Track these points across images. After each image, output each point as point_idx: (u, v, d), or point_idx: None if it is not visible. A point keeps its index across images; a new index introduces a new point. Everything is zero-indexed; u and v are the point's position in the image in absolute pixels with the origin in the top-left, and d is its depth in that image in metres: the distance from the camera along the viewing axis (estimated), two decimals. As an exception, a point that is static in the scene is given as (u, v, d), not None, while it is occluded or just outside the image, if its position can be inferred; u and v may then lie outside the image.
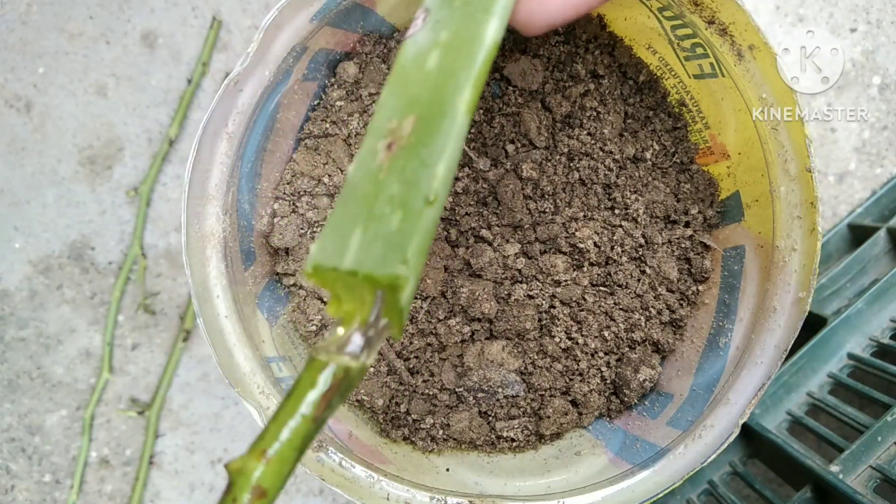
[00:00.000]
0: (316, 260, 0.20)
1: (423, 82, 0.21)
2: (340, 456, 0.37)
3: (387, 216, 0.19)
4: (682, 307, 0.43)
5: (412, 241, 0.19)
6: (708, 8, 0.35)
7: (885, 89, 0.58)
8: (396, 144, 0.20)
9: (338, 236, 0.20)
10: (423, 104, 0.21)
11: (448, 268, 0.42)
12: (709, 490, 0.48)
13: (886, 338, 0.47)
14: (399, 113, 0.21)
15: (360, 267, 0.19)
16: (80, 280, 0.56)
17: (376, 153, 0.20)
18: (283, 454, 0.18)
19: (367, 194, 0.20)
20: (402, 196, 0.20)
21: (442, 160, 0.20)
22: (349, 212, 0.20)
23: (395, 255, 0.19)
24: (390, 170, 0.20)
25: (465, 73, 0.21)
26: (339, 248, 0.20)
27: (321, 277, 0.20)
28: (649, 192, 0.43)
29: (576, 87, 0.41)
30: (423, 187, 0.20)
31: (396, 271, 0.19)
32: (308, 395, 0.19)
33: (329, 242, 0.20)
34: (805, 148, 0.35)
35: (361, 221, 0.20)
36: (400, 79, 0.22)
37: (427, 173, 0.20)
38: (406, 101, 0.21)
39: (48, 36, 0.55)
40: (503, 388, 0.41)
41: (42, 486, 0.57)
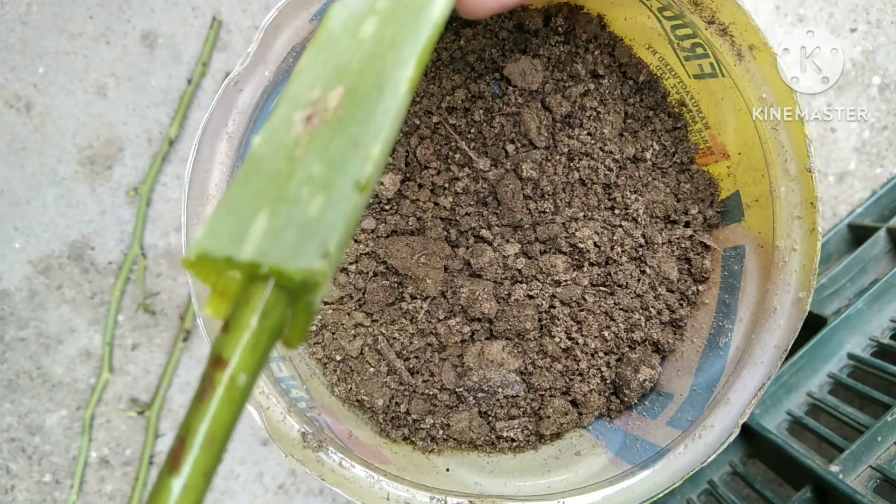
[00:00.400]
0: (203, 247, 0.16)
1: (355, 51, 0.19)
2: (340, 456, 0.37)
3: (304, 200, 0.17)
4: (682, 307, 0.43)
5: (335, 232, 0.17)
6: (708, 8, 0.35)
7: (885, 89, 0.58)
8: (319, 118, 0.18)
9: (235, 220, 0.17)
10: (354, 75, 0.18)
11: (448, 268, 0.42)
12: (709, 490, 0.48)
13: (886, 338, 0.47)
14: (323, 83, 0.18)
15: (264, 258, 0.16)
16: (80, 280, 0.56)
17: (291, 125, 0.18)
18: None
19: (279, 172, 0.17)
20: (325, 178, 0.17)
21: (378, 141, 0.17)
22: (251, 191, 0.17)
23: (314, 246, 0.16)
24: (310, 146, 0.17)
25: (409, 47, 0.19)
26: (237, 234, 0.16)
27: (205, 268, 0.17)
28: (649, 192, 0.43)
29: (576, 87, 0.41)
30: (353, 170, 0.17)
31: (313, 266, 0.16)
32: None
33: (222, 227, 0.17)
34: (805, 148, 0.35)
35: (269, 204, 0.17)
36: (326, 45, 0.19)
37: (359, 154, 0.17)
38: (333, 71, 0.18)
39: (48, 36, 0.55)
40: (503, 388, 0.41)
41: (42, 486, 0.57)
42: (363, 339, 0.42)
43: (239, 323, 0.16)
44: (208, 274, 0.17)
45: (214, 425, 0.16)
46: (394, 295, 0.42)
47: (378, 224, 0.41)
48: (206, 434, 0.16)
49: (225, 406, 0.16)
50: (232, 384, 0.16)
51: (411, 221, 0.41)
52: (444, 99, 0.41)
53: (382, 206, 0.42)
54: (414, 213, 0.41)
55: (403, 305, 0.42)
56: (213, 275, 0.17)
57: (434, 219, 0.41)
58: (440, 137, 0.41)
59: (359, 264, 0.42)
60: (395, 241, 0.41)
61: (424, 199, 0.41)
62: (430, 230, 0.41)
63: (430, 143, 0.41)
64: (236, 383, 0.16)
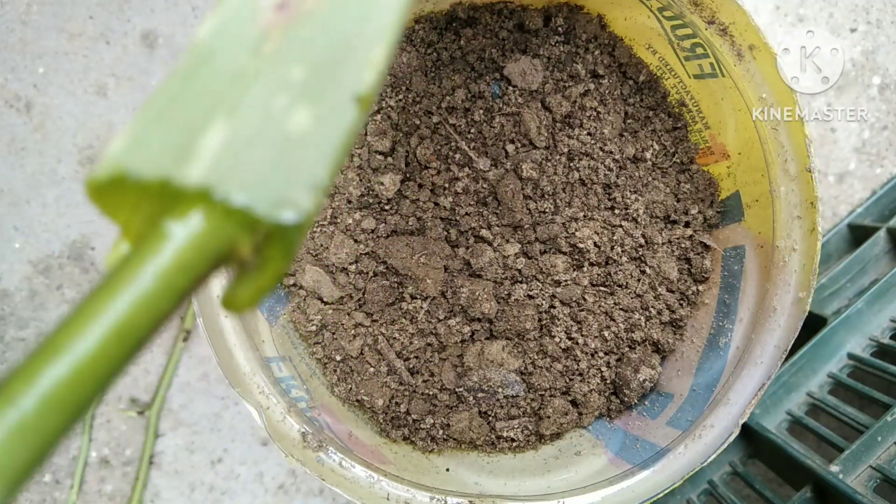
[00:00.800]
0: (122, 163, 0.12)
1: None
2: (340, 456, 0.37)
3: (280, 111, 0.13)
4: (682, 307, 0.43)
5: (328, 157, 0.13)
6: (708, 8, 0.35)
7: (885, 89, 0.58)
8: (296, 8, 0.14)
9: (174, 128, 0.12)
10: None
11: (448, 268, 0.42)
12: (709, 490, 0.48)
13: (886, 338, 0.47)
14: None
15: (222, 186, 0.12)
16: (80, 280, 0.56)
17: (256, 12, 0.14)
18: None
19: (240, 71, 0.13)
20: (309, 85, 0.13)
21: (380, 42, 0.14)
22: (199, 92, 0.13)
23: (298, 174, 0.12)
24: (286, 43, 0.13)
25: None
26: (178, 148, 0.12)
27: (117, 196, 0.12)
28: (649, 192, 0.43)
29: (576, 87, 0.41)
30: (349, 77, 0.13)
31: (300, 200, 0.12)
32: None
33: (155, 136, 0.12)
34: (805, 148, 0.35)
35: (226, 111, 0.12)
36: None
37: (355, 58, 0.13)
38: None
39: (48, 36, 0.55)
40: (503, 388, 0.41)
41: (42, 486, 0.57)
42: (363, 339, 0.42)
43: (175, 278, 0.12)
44: (121, 205, 0.12)
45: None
46: (394, 295, 0.42)
47: (378, 224, 0.41)
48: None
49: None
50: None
51: (411, 221, 0.41)
52: (444, 99, 0.41)
53: (382, 206, 0.42)
54: (414, 213, 0.41)
55: (403, 305, 0.42)
56: (129, 207, 0.12)
57: (434, 219, 0.41)
58: (440, 137, 0.41)
59: (359, 264, 0.42)
60: (395, 241, 0.41)
61: (424, 199, 0.41)
62: (430, 230, 0.41)
63: (430, 143, 0.41)
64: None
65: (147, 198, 0.12)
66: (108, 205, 0.12)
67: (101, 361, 0.11)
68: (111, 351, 0.11)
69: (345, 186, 0.41)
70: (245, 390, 0.37)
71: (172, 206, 0.12)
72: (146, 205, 0.12)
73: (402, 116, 0.41)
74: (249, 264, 0.13)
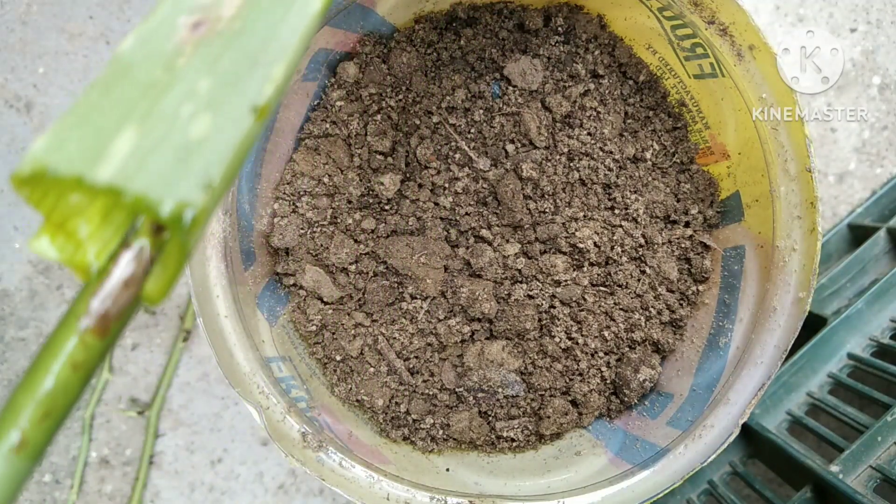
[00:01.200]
0: (43, 161, 0.13)
1: None
2: (340, 456, 0.37)
3: (183, 119, 0.14)
4: (682, 307, 0.43)
5: (222, 161, 0.14)
6: (708, 8, 0.35)
7: (885, 89, 0.58)
8: (209, 27, 0.15)
9: (90, 133, 0.14)
10: None
11: (448, 268, 0.42)
12: (709, 490, 0.48)
13: (886, 338, 0.47)
14: None
15: (128, 183, 0.13)
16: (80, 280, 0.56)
17: (174, 29, 0.15)
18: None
19: (153, 83, 0.14)
20: (212, 96, 0.14)
21: (281, 61, 0.15)
22: (115, 101, 0.14)
23: (194, 175, 0.14)
24: (196, 57, 0.15)
25: None
26: (92, 150, 0.14)
27: (41, 189, 0.14)
28: (649, 192, 0.43)
29: (576, 87, 0.41)
30: (250, 90, 0.15)
31: (192, 198, 0.13)
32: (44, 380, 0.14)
33: (72, 139, 0.14)
34: (805, 148, 0.36)
35: (137, 119, 0.14)
36: None
37: (257, 73, 0.15)
38: None
39: (48, 36, 0.55)
40: (503, 388, 0.41)
41: (42, 486, 0.57)
42: (363, 339, 0.42)
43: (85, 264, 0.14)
44: (44, 197, 0.14)
45: (55, 391, 0.14)
46: (394, 295, 0.42)
47: (378, 224, 0.41)
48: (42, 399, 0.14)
49: (69, 369, 0.14)
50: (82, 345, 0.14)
51: (411, 221, 0.41)
52: (444, 99, 0.41)
53: (382, 206, 0.42)
54: (414, 213, 0.41)
55: (403, 305, 0.42)
56: (51, 199, 0.14)
57: (434, 219, 0.41)
58: (440, 137, 0.41)
59: (359, 264, 0.42)
60: (395, 241, 0.41)
61: (424, 199, 0.41)
62: (430, 230, 0.41)
63: (430, 143, 0.41)
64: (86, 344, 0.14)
65: (63, 191, 0.14)
66: (31, 196, 0.14)
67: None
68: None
69: (345, 186, 0.41)
70: (245, 390, 0.37)
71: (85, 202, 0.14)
72: (64, 197, 0.14)
73: (402, 116, 0.41)
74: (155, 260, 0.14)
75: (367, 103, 0.41)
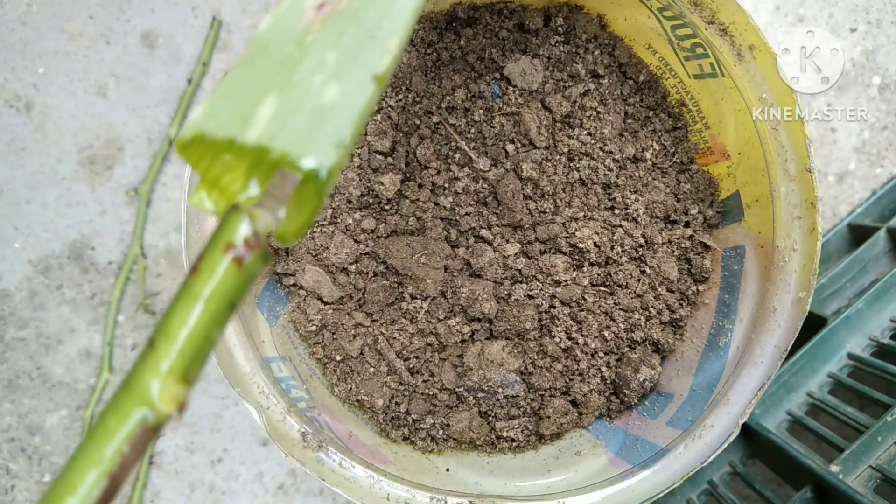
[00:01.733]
0: (201, 127, 0.16)
1: None
2: (340, 456, 0.37)
3: (316, 87, 0.16)
4: (682, 307, 0.43)
5: (350, 122, 0.16)
6: (708, 8, 0.35)
7: (885, 89, 0.58)
8: (332, 7, 0.17)
9: (239, 102, 0.16)
10: None
11: (448, 268, 0.42)
12: (709, 490, 0.48)
13: (886, 338, 0.47)
14: None
15: (272, 143, 0.15)
16: (80, 280, 0.56)
17: (303, 11, 0.17)
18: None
19: (288, 57, 0.17)
20: (339, 66, 0.16)
21: (395, 35, 0.17)
22: (257, 74, 0.16)
23: (327, 135, 0.16)
24: (323, 33, 0.17)
25: None
26: (241, 116, 0.16)
27: (199, 151, 0.16)
28: (649, 192, 0.43)
29: (576, 87, 0.41)
30: (370, 60, 0.16)
31: (329, 155, 0.15)
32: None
33: (224, 107, 0.16)
34: (805, 148, 0.35)
35: (277, 88, 0.16)
36: None
37: (375, 46, 0.17)
38: None
39: (48, 36, 0.55)
40: (503, 388, 0.41)
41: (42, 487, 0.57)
42: (363, 339, 0.42)
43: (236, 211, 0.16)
44: (201, 158, 0.16)
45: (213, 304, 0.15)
46: (394, 295, 0.42)
47: (378, 224, 0.41)
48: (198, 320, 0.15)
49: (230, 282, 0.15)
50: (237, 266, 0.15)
51: (411, 221, 0.41)
52: (444, 99, 0.41)
53: (382, 206, 0.42)
54: (414, 213, 0.41)
55: (403, 305, 0.42)
56: (206, 159, 0.16)
57: (434, 219, 0.41)
58: (440, 137, 0.41)
59: (359, 264, 0.42)
60: (395, 241, 0.41)
61: (424, 199, 0.41)
62: (430, 230, 0.41)
63: (430, 143, 0.41)
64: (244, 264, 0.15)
65: (218, 153, 0.16)
66: (191, 157, 0.16)
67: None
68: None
69: (345, 186, 0.41)
70: (245, 390, 0.37)
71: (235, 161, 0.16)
72: (219, 157, 0.16)
73: (402, 116, 0.41)
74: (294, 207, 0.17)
75: (367, 103, 0.41)
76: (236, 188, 0.16)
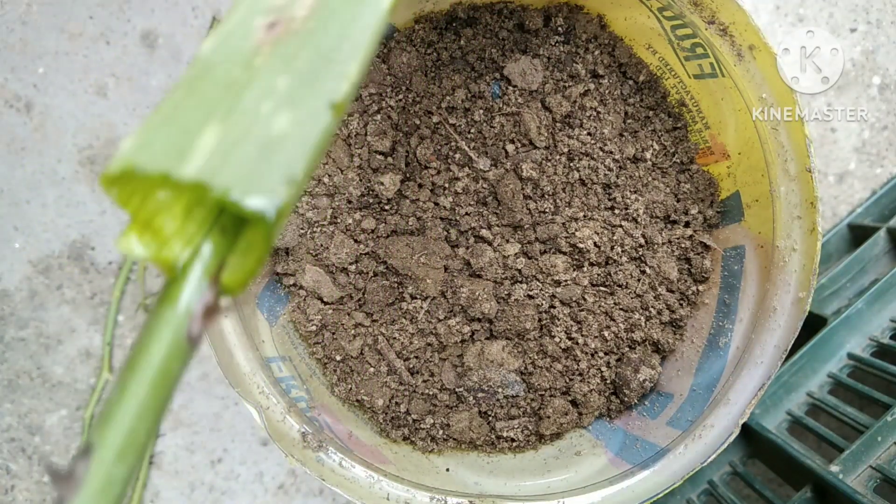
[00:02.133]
0: (131, 160, 0.14)
1: None
2: (340, 456, 0.37)
3: (265, 116, 0.14)
4: (682, 307, 0.43)
5: (303, 155, 0.14)
6: (708, 8, 0.35)
7: (885, 89, 0.58)
8: (284, 27, 0.16)
9: (175, 132, 0.14)
10: None
11: (448, 268, 0.42)
12: (709, 490, 0.48)
13: (886, 338, 0.47)
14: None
15: (213, 179, 0.13)
16: (80, 280, 0.56)
17: (250, 31, 0.16)
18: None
19: (233, 82, 0.15)
20: (291, 93, 0.15)
21: (354, 59, 0.15)
22: (198, 100, 0.15)
23: (277, 170, 0.14)
24: (273, 56, 0.15)
25: None
26: (178, 148, 0.14)
27: (129, 188, 0.14)
28: (649, 192, 0.43)
29: (576, 87, 0.41)
30: (325, 87, 0.15)
31: (278, 193, 0.14)
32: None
33: (158, 138, 0.14)
34: (805, 148, 0.35)
35: (220, 116, 0.14)
36: None
37: (332, 71, 0.15)
38: None
39: (48, 36, 0.55)
40: (503, 388, 0.41)
41: (42, 486, 0.57)
42: (363, 339, 0.42)
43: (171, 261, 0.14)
44: (132, 195, 0.14)
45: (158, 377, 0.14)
46: (394, 295, 0.42)
47: (378, 224, 0.41)
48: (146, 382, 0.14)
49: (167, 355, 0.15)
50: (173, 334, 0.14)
51: (411, 221, 0.41)
52: (444, 99, 0.41)
53: (382, 206, 0.42)
54: (414, 213, 0.41)
55: (403, 305, 0.42)
56: (137, 197, 0.14)
57: (434, 219, 0.41)
58: (440, 137, 0.41)
59: (359, 264, 0.42)
60: (395, 241, 0.41)
61: (424, 199, 0.41)
62: (430, 230, 0.41)
63: (430, 143, 0.41)
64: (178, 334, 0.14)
65: (150, 189, 0.14)
66: (119, 195, 0.14)
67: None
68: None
69: (345, 186, 0.41)
70: (245, 390, 0.37)
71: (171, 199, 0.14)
72: (150, 195, 0.14)
73: (402, 116, 0.41)
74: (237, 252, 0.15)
75: (366, 103, 0.41)
76: (171, 230, 0.15)
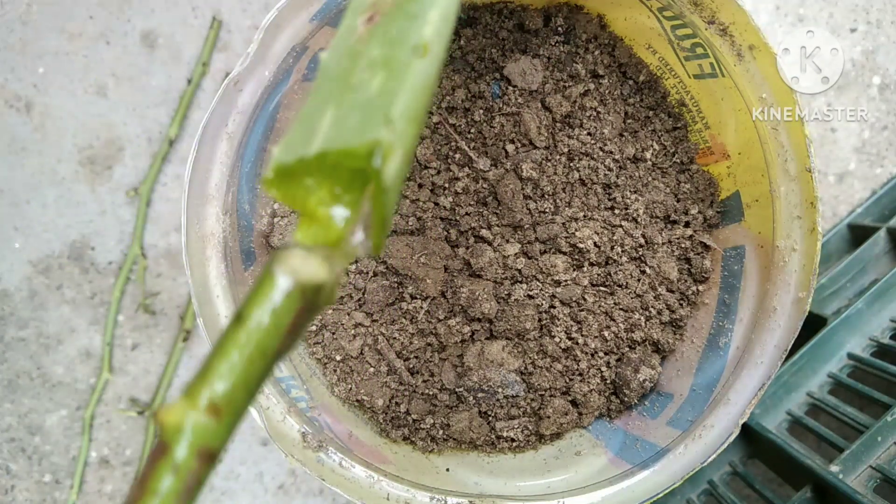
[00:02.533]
0: (278, 160, 0.16)
1: None
2: (340, 456, 0.37)
3: (366, 83, 0.16)
4: (682, 307, 0.43)
5: (397, 99, 0.16)
6: (708, 8, 0.35)
7: (885, 89, 0.58)
8: (378, 13, 0.17)
9: (305, 126, 0.16)
10: None
11: (448, 268, 0.42)
12: (709, 490, 0.48)
13: (886, 338, 0.47)
14: None
15: (330, 145, 0.15)
16: (80, 280, 0.56)
17: (354, 30, 0.18)
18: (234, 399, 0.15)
19: (343, 70, 0.17)
20: (384, 57, 0.17)
21: (435, 6, 0.17)
22: (320, 98, 0.17)
23: (375, 118, 0.15)
24: (371, 37, 0.17)
25: None
26: (307, 136, 0.16)
27: (284, 184, 0.16)
28: (649, 192, 0.43)
29: (576, 87, 0.41)
30: (411, 38, 0.17)
31: (377, 136, 0.15)
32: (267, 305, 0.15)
33: (295, 136, 0.16)
34: (805, 148, 0.35)
35: (334, 100, 0.16)
36: None
37: (416, 24, 0.17)
38: None
39: (48, 36, 0.55)
40: (503, 388, 0.41)
41: (42, 486, 0.57)
42: (363, 339, 0.42)
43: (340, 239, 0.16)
44: (288, 190, 0.16)
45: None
46: (394, 295, 0.42)
47: (378, 224, 0.41)
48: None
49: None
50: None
51: (411, 221, 0.41)
52: (444, 99, 0.41)
53: (382, 206, 0.42)
54: (414, 213, 0.41)
55: (403, 305, 0.42)
56: (293, 189, 0.16)
57: (434, 219, 0.41)
58: (440, 137, 0.41)
59: (359, 264, 0.42)
60: (395, 241, 0.41)
61: (424, 199, 0.41)
62: (430, 230, 0.41)
63: (430, 143, 0.41)
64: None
65: (297, 177, 0.16)
66: (283, 195, 0.16)
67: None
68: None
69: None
70: (245, 390, 0.36)
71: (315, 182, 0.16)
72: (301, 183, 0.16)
73: (402, 116, 0.41)
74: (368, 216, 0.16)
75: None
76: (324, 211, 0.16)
